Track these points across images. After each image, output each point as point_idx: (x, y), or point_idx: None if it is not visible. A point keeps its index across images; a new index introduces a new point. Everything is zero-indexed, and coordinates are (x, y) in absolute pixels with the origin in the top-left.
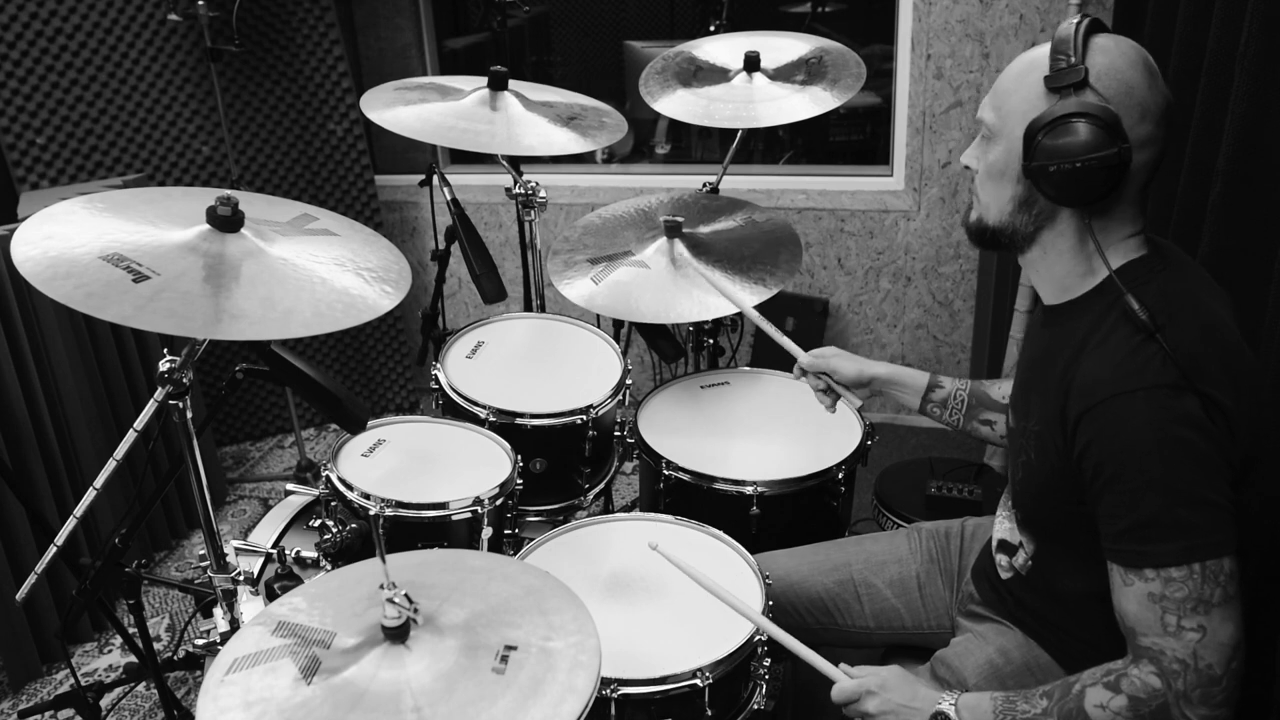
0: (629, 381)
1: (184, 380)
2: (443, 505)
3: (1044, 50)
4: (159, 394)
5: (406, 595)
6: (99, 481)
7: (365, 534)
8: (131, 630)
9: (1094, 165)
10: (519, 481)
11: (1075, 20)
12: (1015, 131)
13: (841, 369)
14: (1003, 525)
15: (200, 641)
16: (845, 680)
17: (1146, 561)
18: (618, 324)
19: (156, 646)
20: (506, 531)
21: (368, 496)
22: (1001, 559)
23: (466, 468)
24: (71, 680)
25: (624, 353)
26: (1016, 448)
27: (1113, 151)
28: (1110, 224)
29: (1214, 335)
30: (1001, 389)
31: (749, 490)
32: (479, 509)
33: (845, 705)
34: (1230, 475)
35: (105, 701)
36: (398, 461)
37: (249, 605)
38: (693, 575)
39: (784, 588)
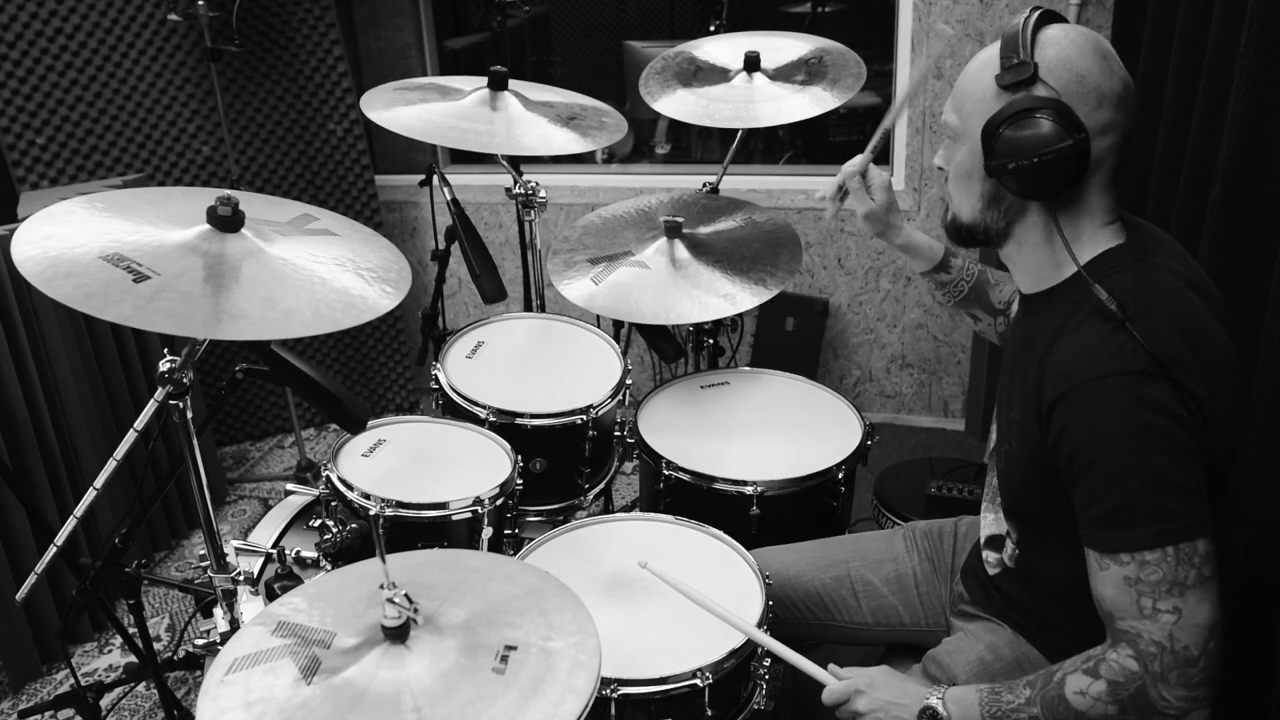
0: (629, 381)
1: (184, 380)
2: (443, 505)
3: (997, 48)
4: (159, 394)
5: (406, 595)
6: (99, 481)
7: (365, 534)
8: (131, 630)
9: (1052, 158)
10: (519, 481)
11: (1024, 15)
12: (976, 132)
13: (879, 197)
14: (988, 518)
15: (200, 641)
16: (834, 682)
17: (1121, 546)
18: (618, 324)
19: (156, 646)
20: (506, 531)
21: (368, 496)
22: (989, 555)
23: (466, 468)
24: (71, 680)
25: (624, 353)
26: (1001, 435)
27: (1069, 143)
28: (1080, 214)
29: (1189, 327)
30: (1003, 292)
31: (749, 490)
32: (479, 509)
33: (836, 707)
34: (1203, 461)
35: (105, 701)
36: (398, 461)
37: (249, 605)
38: (683, 590)
39: (782, 582)
